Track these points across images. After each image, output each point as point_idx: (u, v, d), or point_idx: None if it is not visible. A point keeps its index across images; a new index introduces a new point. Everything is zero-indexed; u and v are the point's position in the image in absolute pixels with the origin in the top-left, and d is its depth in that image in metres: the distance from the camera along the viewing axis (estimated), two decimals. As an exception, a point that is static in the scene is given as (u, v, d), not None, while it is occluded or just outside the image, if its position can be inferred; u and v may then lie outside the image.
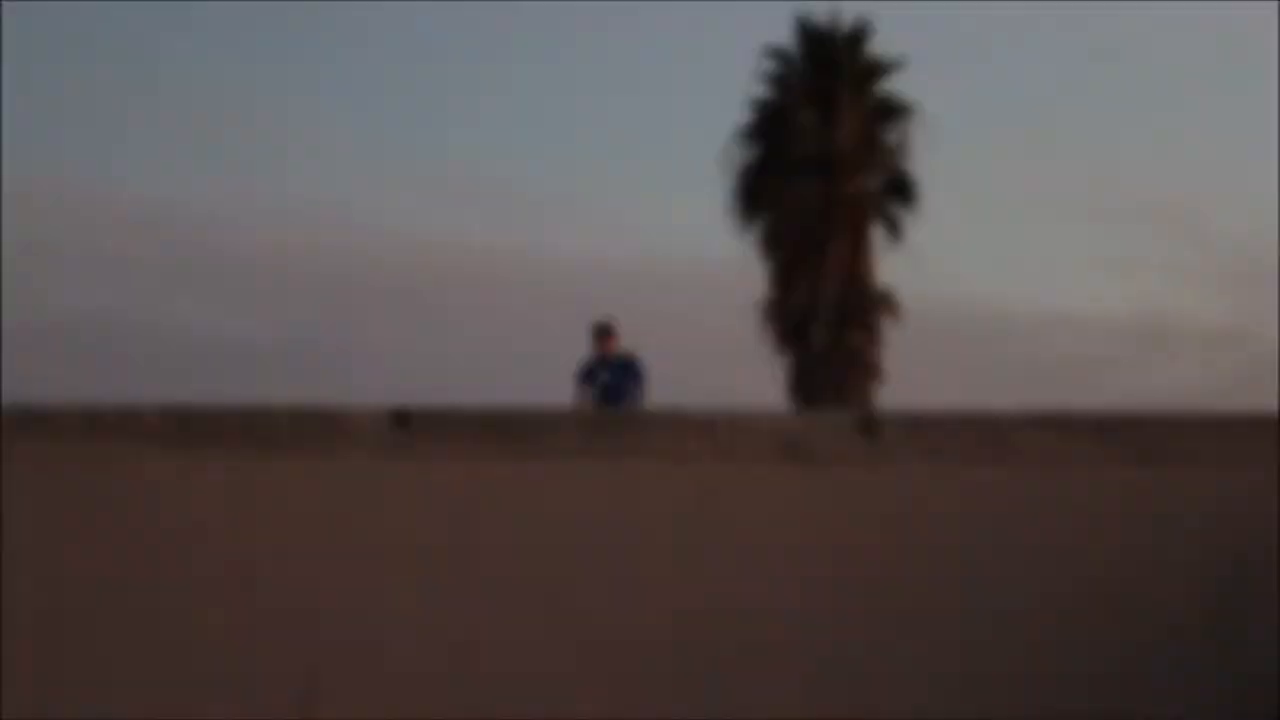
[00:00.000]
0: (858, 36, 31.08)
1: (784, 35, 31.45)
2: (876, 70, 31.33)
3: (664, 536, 5.49)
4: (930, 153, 31.01)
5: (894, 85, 31.40)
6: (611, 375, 11.20)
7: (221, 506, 5.35)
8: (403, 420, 5.42)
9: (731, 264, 29.40)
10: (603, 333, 11.61)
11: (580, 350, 12.80)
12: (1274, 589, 5.69)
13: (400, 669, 5.33)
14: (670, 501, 5.50)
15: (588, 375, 11.19)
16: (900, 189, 30.40)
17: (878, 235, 30.77)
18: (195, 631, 5.30)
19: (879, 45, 31.37)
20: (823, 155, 30.57)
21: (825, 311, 29.31)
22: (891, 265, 30.30)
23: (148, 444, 5.36)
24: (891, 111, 31.00)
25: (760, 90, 31.33)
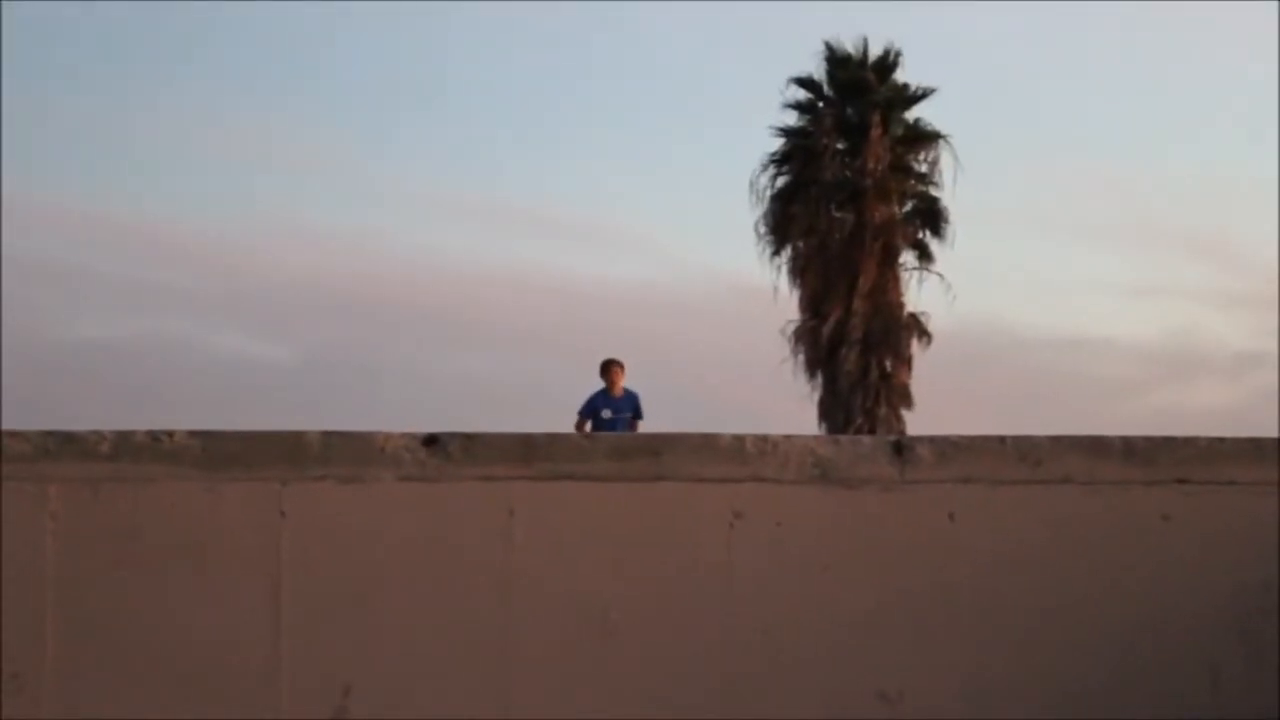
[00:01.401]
0: (886, 65, 32.58)
1: (813, 64, 32.92)
2: (905, 98, 32.89)
3: (694, 558, 5.49)
4: (959, 179, 32.69)
5: (922, 112, 33.00)
6: (614, 409, 11.81)
7: (251, 528, 5.35)
8: (432, 443, 5.42)
9: (763, 290, 31.26)
10: (610, 368, 12.20)
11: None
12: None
13: (433, 688, 5.33)
14: (702, 523, 5.50)
15: (590, 409, 12.20)
16: (929, 215, 32.51)
17: (907, 260, 32.61)
18: (225, 651, 5.30)
19: (907, 73, 33.07)
20: (851, 182, 31.96)
21: (855, 336, 31.16)
22: (920, 290, 32.32)
23: (177, 464, 5.36)
24: (920, 139, 32.63)
25: (789, 119, 33.03)
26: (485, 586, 5.40)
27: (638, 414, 12.52)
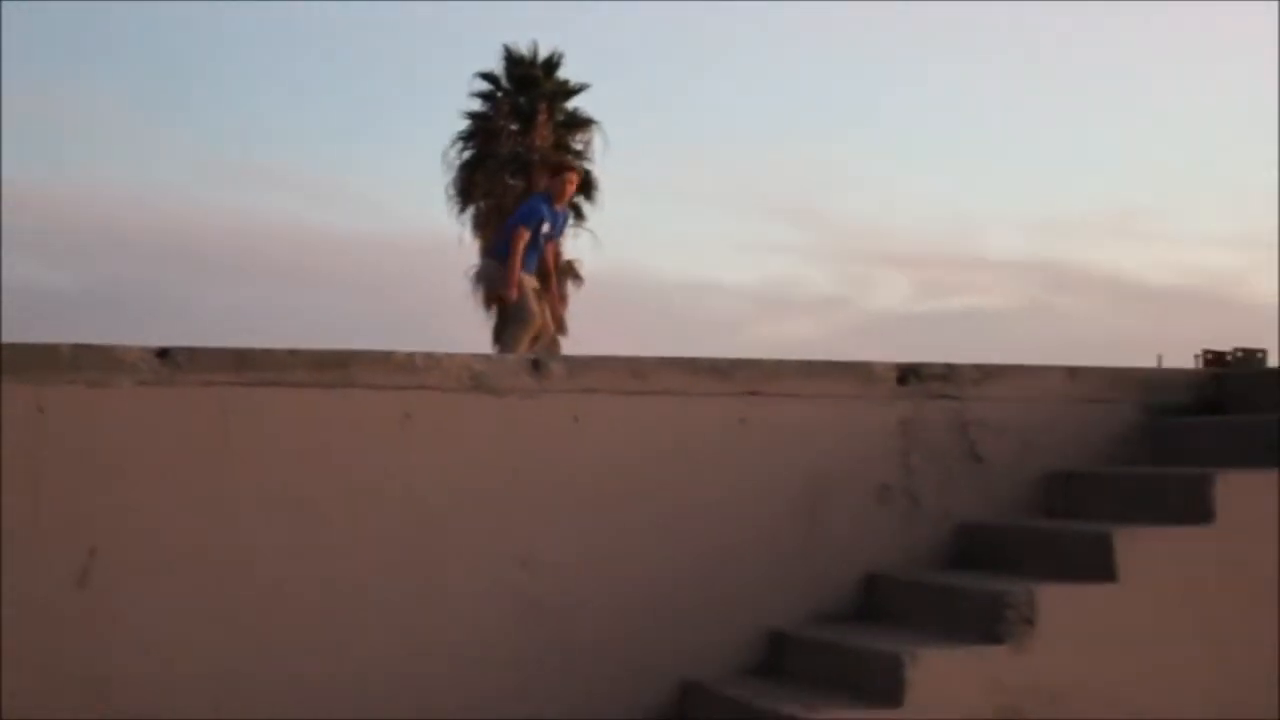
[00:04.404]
0: (552, 64, 42.05)
1: (494, 63, 42.36)
2: (565, 91, 42.06)
3: (374, 448, 7.01)
4: (608, 155, 41.85)
5: (579, 103, 42.34)
6: (553, 223, 11.33)
7: (17, 420, 6.67)
8: (164, 355, 6.83)
9: (452, 240, 39.85)
10: (568, 175, 11.83)
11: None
12: (844, 499, 7.47)
13: (162, 546, 6.73)
14: (380, 421, 7.02)
15: (535, 217, 11.36)
16: (583, 184, 39.35)
17: None
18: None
19: (568, 71, 42.42)
20: (522, 157, 40.71)
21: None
22: (576, 243, 40.31)
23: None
24: (577, 124, 42.08)
25: (475, 105, 42.11)
26: (205, 469, 6.84)
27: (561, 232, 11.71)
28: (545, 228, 10.98)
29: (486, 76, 41.96)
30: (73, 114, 51.88)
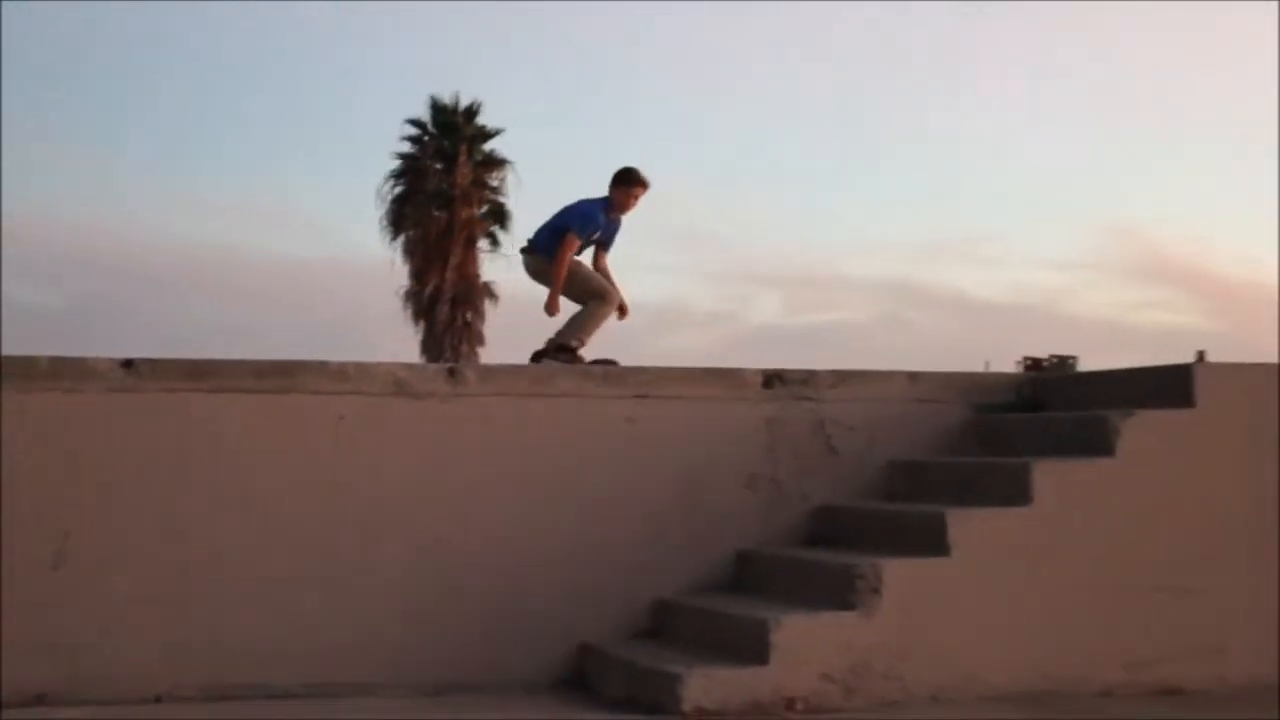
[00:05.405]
0: (472, 112, 46.92)
1: (422, 110, 47.02)
2: (483, 134, 46.98)
3: (312, 445, 7.88)
4: (521, 191, 46.14)
5: (495, 145, 47.09)
6: (605, 234, 9.95)
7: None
8: (129, 365, 7.72)
9: (385, 264, 44.69)
10: (637, 186, 9.93)
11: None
12: (719, 487, 8.44)
13: (129, 530, 7.59)
14: (317, 422, 7.90)
15: (591, 226, 9.80)
16: (499, 215, 46.57)
17: (483, 246, 46.10)
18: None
19: (486, 118, 47.19)
20: (446, 193, 45.74)
21: (446, 297, 44.59)
22: (492, 267, 45.56)
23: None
24: (493, 164, 46.99)
25: (405, 147, 46.93)
26: (166, 464, 7.71)
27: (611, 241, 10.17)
28: (596, 235, 9.86)
29: (414, 123, 47.24)
30: (40, 149, 58.28)
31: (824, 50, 62.59)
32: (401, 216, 46.19)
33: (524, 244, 9.92)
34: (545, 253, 9.71)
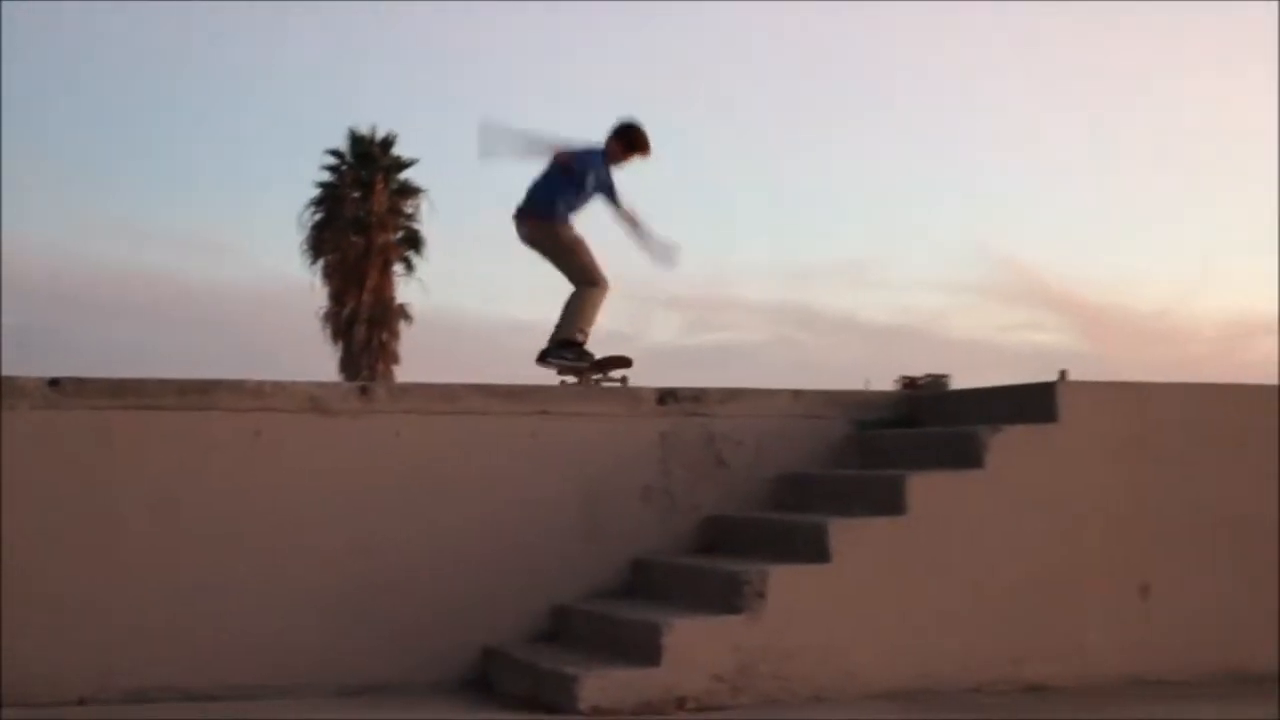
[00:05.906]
0: (388, 143, 49.82)
1: (340, 141, 49.74)
2: (399, 164, 49.43)
3: (230, 459, 8.27)
4: (434, 217, 48.88)
5: (410, 175, 49.85)
6: (599, 182, 9.78)
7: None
8: (55, 384, 8.09)
9: (305, 287, 46.84)
10: (641, 142, 9.89)
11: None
12: (615, 498, 8.88)
13: (64, 540, 7.93)
14: (235, 437, 8.28)
15: (583, 164, 9.68)
16: (413, 241, 49.23)
17: (398, 270, 48.57)
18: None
19: (401, 148, 49.89)
20: (363, 219, 48.01)
21: (363, 318, 46.78)
22: (407, 289, 47.95)
23: None
24: (408, 192, 49.56)
25: (324, 176, 49.47)
26: (92, 477, 8.06)
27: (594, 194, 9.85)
28: (590, 180, 9.61)
29: (334, 153, 49.77)
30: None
31: (711, 72, 63.73)
32: (321, 241, 48.69)
33: (516, 209, 9.82)
34: (541, 217, 9.73)
